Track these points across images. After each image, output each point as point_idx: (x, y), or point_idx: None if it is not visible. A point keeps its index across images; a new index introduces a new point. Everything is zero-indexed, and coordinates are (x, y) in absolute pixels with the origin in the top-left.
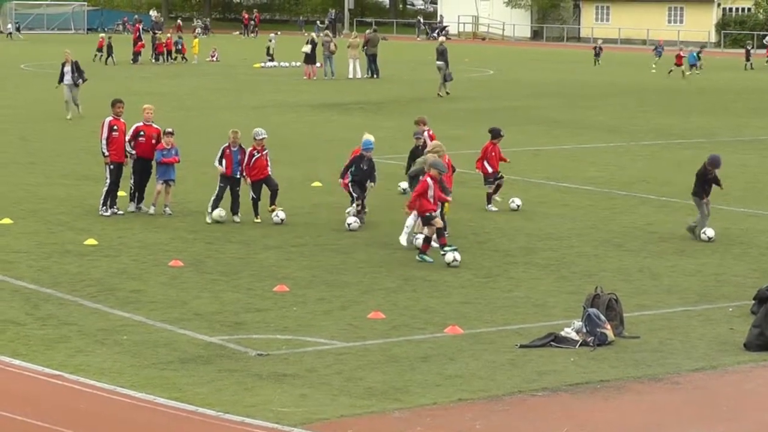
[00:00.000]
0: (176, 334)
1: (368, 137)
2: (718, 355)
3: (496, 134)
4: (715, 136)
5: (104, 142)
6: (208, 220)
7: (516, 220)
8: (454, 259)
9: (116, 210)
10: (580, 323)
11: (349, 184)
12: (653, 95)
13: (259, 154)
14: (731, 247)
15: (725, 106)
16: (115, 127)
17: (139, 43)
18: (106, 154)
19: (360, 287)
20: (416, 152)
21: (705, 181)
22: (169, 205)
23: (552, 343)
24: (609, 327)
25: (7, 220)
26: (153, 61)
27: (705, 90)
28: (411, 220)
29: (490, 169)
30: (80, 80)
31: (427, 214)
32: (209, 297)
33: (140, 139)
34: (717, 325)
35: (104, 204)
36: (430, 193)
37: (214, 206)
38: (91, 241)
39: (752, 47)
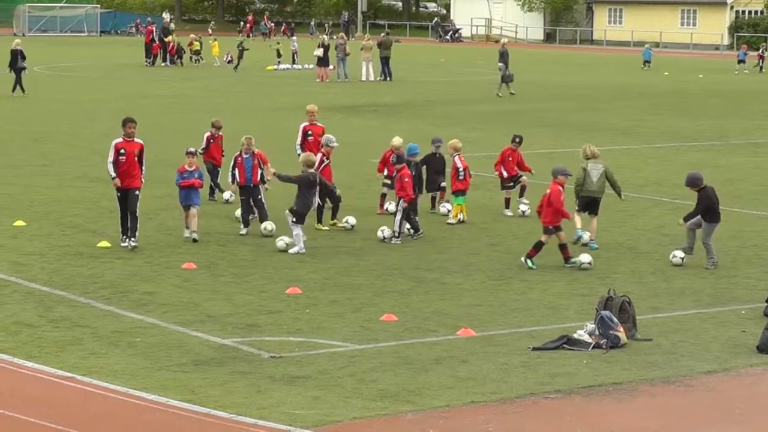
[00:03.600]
0: (189, 337)
1: (412, 144)
2: (730, 358)
3: (513, 139)
4: (728, 138)
5: (111, 166)
6: (243, 231)
7: (528, 222)
8: (589, 262)
9: (131, 242)
10: (593, 326)
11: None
12: (666, 98)
13: (329, 161)
14: (743, 249)
15: (738, 109)
16: (123, 150)
17: (154, 44)
18: (113, 175)
19: (372, 289)
20: (431, 159)
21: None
22: (197, 228)
23: (565, 345)
24: (622, 329)
25: (20, 222)
26: (167, 64)
27: (717, 92)
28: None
29: (505, 174)
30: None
31: (554, 225)
32: (222, 299)
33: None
34: (729, 327)
35: (122, 233)
36: (561, 200)
37: (245, 220)
38: (104, 244)
39: (766, 50)
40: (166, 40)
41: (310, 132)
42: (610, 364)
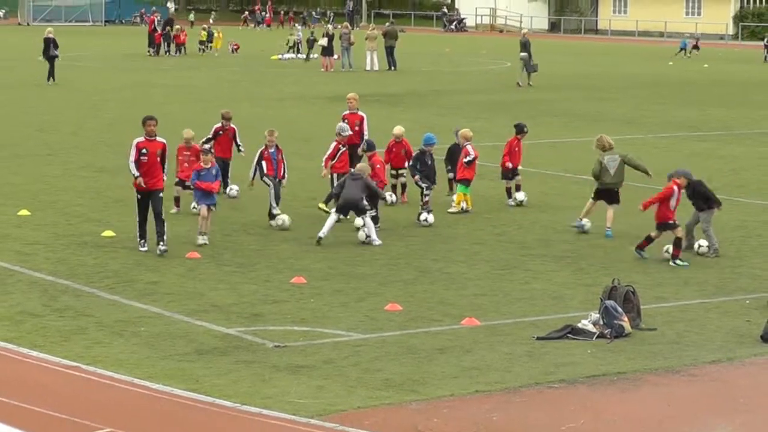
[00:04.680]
0: (193, 326)
1: (429, 133)
2: (735, 347)
3: (519, 129)
4: (733, 128)
5: (132, 165)
6: (272, 224)
7: (532, 212)
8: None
9: (163, 247)
10: (597, 315)
11: (419, 179)
12: (671, 88)
13: (345, 148)
14: (748, 239)
15: (743, 99)
16: (145, 150)
17: (156, 34)
18: (137, 174)
19: (377, 279)
20: (455, 149)
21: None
22: (208, 232)
23: (569, 335)
24: (626, 319)
25: (24, 212)
26: (173, 54)
27: (722, 82)
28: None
29: (510, 165)
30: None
31: (668, 222)
32: (226, 289)
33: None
34: (734, 317)
35: (139, 235)
36: (673, 201)
37: (275, 207)
38: (108, 233)
39: None
40: (173, 30)
41: (346, 120)
42: (614, 353)
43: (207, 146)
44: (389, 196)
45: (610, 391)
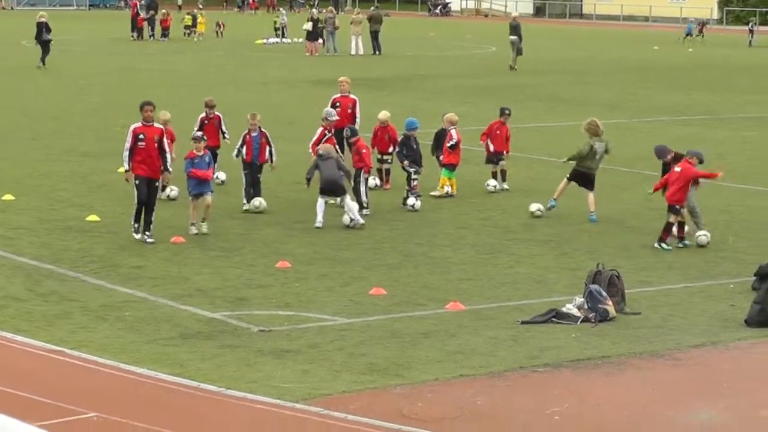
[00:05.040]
0: (178, 310)
1: (411, 118)
2: (719, 332)
3: (501, 112)
4: (718, 113)
5: (126, 153)
6: (246, 207)
7: (517, 196)
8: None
9: (146, 238)
10: (582, 299)
11: (407, 164)
12: (655, 72)
13: (330, 134)
14: (733, 223)
15: (728, 83)
16: (142, 136)
17: (139, 18)
18: (127, 168)
19: (362, 263)
20: (441, 134)
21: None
22: (207, 219)
23: (553, 319)
24: (610, 303)
25: (8, 196)
26: (158, 38)
27: (707, 67)
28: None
29: (492, 148)
30: None
31: (681, 205)
32: (211, 273)
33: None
34: (718, 301)
35: (135, 221)
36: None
37: (248, 195)
38: (93, 218)
39: (755, 24)
40: (157, 15)
41: (338, 104)
42: (598, 337)
43: (200, 133)
44: (372, 179)
45: (595, 375)
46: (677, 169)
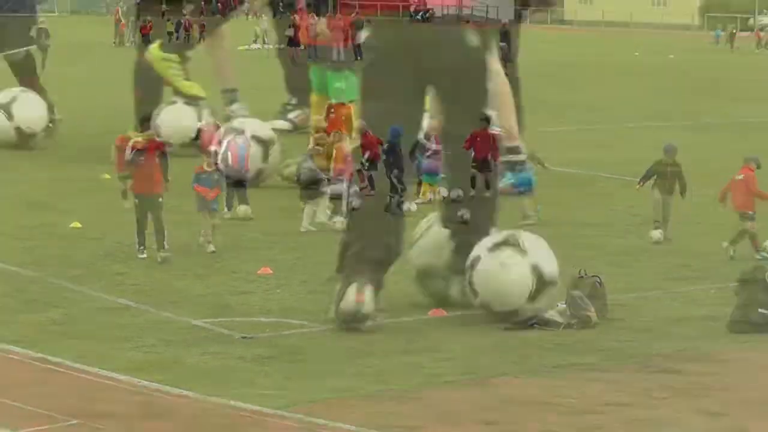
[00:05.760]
0: (160, 317)
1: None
2: (701, 337)
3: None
4: (699, 118)
5: (124, 165)
6: (227, 216)
7: (502, 204)
8: None
9: (164, 254)
10: (564, 306)
11: (395, 176)
12: (638, 78)
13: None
14: (717, 227)
15: (709, 88)
16: (140, 150)
17: (121, 24)
18: (122, 174)
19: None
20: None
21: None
22: (210, 240)
23: (536, 325)
24: (592, 309)
25: None
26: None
27: (689, 72)
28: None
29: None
30: None
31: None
32: (193, 280)
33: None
34: (701, 306)
35: (138, 243)
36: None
37: (229, 203)
38: (75, 224)
39: (736, 30)
40: (139, 21)
41: (332, 110)
42: (581, 343)
43: (213, 148)
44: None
45: (577, 381)
46: (739, 177)
